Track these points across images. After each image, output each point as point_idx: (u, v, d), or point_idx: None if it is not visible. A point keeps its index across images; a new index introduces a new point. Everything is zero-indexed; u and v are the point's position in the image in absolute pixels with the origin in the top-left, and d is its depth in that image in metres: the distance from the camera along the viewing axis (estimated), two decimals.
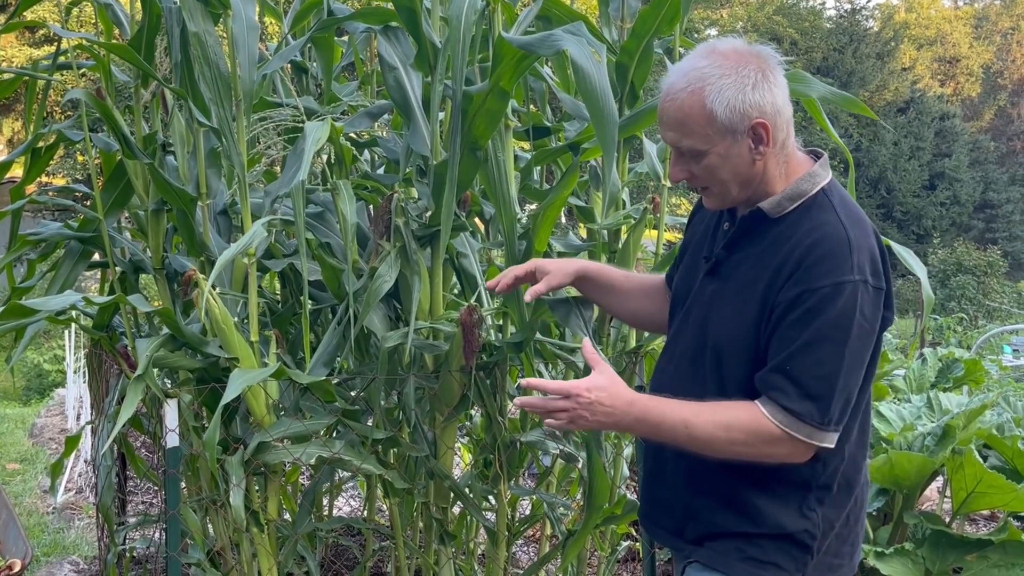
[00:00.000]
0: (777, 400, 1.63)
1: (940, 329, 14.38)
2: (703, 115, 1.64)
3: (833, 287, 1.60)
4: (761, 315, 1.67)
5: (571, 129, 3.02)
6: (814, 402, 1.61)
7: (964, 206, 30.48)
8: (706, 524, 1.78)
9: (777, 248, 1.69)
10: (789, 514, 1.72)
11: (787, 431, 1.62)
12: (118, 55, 2.63)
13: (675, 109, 1.67)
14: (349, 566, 3.72)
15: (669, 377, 1.85)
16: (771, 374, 1.64)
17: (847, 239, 1.64)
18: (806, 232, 1.66)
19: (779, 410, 1.62)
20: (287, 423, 2.47)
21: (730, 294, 1.74)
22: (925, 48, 38.43)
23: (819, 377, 1.60)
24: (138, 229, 3.21)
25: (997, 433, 3.66)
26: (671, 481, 1.84)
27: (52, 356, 11.22)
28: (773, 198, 1.72)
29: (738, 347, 1.71)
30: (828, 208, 1.69)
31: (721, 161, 1.67)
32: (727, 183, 1.71)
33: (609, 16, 2.88)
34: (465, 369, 2.57)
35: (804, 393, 1.61)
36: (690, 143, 1.67)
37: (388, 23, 2.67)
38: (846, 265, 1.61)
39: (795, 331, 1.62)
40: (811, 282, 1.61)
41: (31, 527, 4.77)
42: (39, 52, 15.92)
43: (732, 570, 1.74)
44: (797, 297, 1.62)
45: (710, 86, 1.63)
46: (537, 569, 3.09)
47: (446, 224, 2.34)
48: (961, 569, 3.22)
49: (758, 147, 1.67)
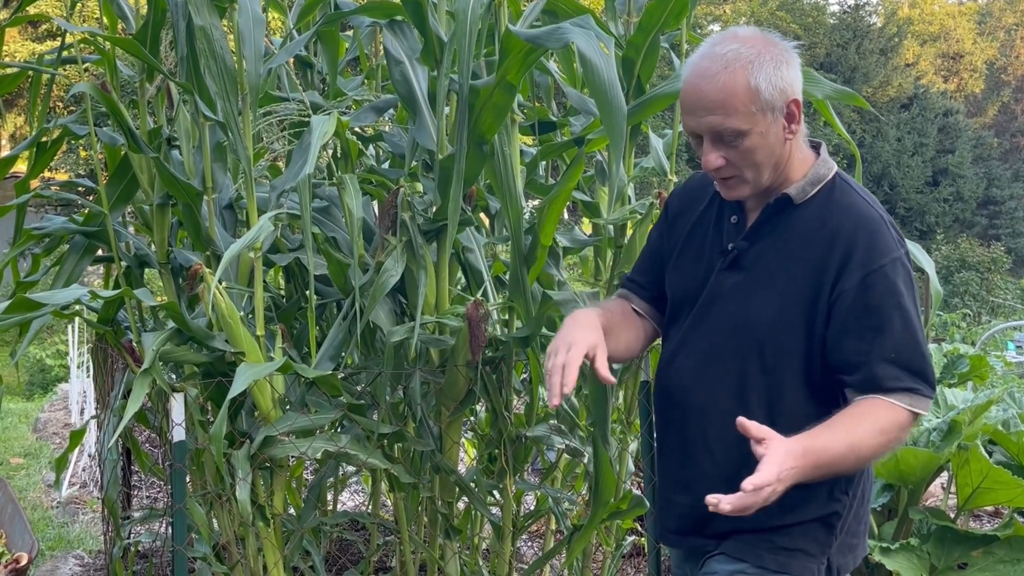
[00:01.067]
0: (896, 387, 1.65)
1: (944, 325, 14.37)
2: (748, 92, 1.62)
3: (891, 263, 1.66)
4: (813, 301, 1.68)
5: (577, 124, 3.01)
6: (922, 376, 1.66)
7: (967, 202, 30.43)
8: (735, 520, 1.66)
9: (810, 233, 1.70)
10: (819, 498, 1.72)
11: (914, 410, 1.66)
12: (124, 49, 2.63)
13: (717, 90, 1.64)
14: (354, 561, 3.72)
15: (690, 373, 1.81)
16: (879, 366, 1.65)
17: (880, 217, 1.71)
18: (840, 217, 1.70)
19: (903, 394, 1.65)
20: (293, 417, 2.47)
21: (760, 283, 1.73)
22: (929, 44, 38.33)
23: (916, 351, 1.66)
24: (142, 224, 3.21)
25: (1003, 429, 3.66)
26: (699, 482, 1.76)
27: (55, 351, 11.23)
28: (798, 184, 1.73)
29: (782, 332, 1.71)
30: (850, 191, 1.74)
31: (761, 141, 1.66)
32: (761, 166, 1.69)
33: (615, 10, 2.87)
34: (471, 364, 2.57)
35: (913, 371, 1.65)
36: (734, 123, 1.64)
37: (394, 17, 2.67)
38: (891, 240, 1.69)
39: (870, 317, 1.65)
40: (870, 264, 1.66)
41: (35, 521, 4.78)
42: (42, 47, 15.91)
43: (761, 560, 1.73)
44: (862, 282, 1.65)
45: (751, 64, 1.63)
46: (542, 564, 3.09)
47: (453, 218, 2.33)
48: (966, 565, 3.21)
49: (790, 126, 1.68)
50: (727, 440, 1.69)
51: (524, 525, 3.12)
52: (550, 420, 2.91)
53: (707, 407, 1.78)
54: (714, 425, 1.76)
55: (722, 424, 1.70)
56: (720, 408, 1.74)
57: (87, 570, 4.11)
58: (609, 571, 3.21)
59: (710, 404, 1.77)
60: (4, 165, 3.09)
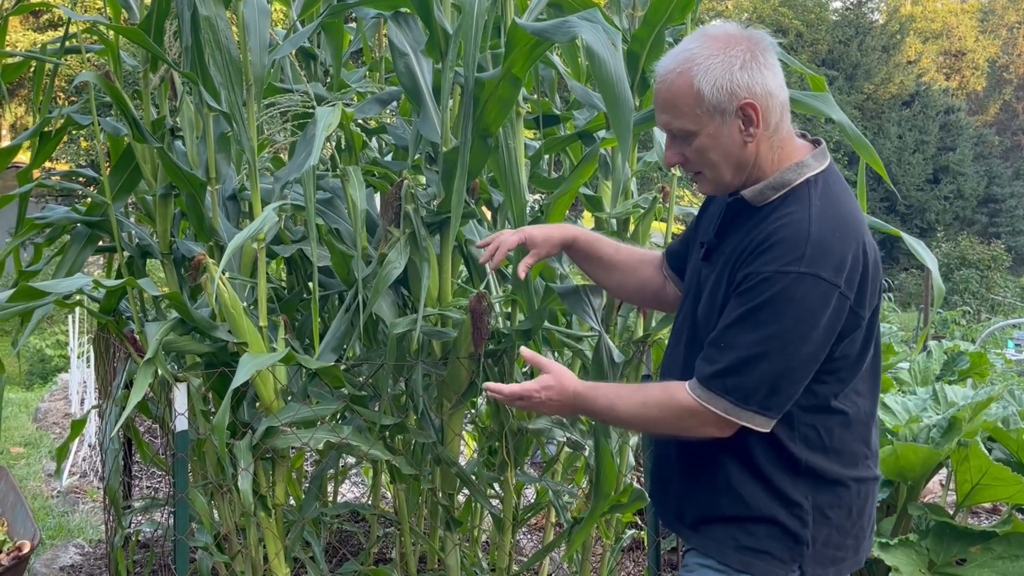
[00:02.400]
0: (699, 371, 1.68)
1: (944, 323, 14.38)
2: (691, 95, 1.66)
3: (774, 274, 1.61)
4: (726, 299, 1.71)
5: (580, 117, 3.01)
6: (732, 378, 1.64)
7: (968, 200, 30.44)
8: (701, 507, 1.81)
9: (752, 237, 1.70)
10: (777, 495, 1.73)
11: (703, 404, 1.67)
12: (128, 38, 2.63)
13: (665, 90, 1.69)
14: (354, 552, 3.73)
15: (672, 360, 1.89)
16: (705, 347, 1.70)
17: (807, 232, 1.62)
18: (773, 223, 1.67)
19: (697, 385, 1.68)
20: (295, 408, 2.47)
21: (714, 279, 1.77)
22: (931, 41, 38.28)
23: (743, 358, 1.63)
24: (145, 214, 3.20)
25: (1002, 426, 3.66)
26: (673, 464, 1.87)
27: (55, 341, 11.22)
28: (756, 186, 1.72)
29: (709, 329, 1.73)
30: (803, 200, 1.68)
31: (711, 142, 1.68)
32: (718, 166, 1.71)
33: (620, 4, 2.87)
34: (473, 356, 2.57)
35: (723, 368, 1.64)
36: (680, 124, 1.69)
37: (399, 9, 2.67)
38: (794, 256, 1.60)
39: (731, 309, 1.66)
40: (756, 267, 1.63)
41: (36, 511, 4.78)
42: (44, 36, 15.88)
43: (726, 558, 1.76)
44: (743, 279, 1.65)
45: (697, 66, 1.65)
46: (542, 556, 3.10)
47: (456, 211, 2.33)
48: (965, 561, 3.22)
49: (748, 129, 1.67)
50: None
51: (524, 518, 3.13)
52: None
53: None
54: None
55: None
56: None
57: (87, 559, 4.12)
58: (609, 564, 3.21)
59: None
60: (6, 155, 3.08)
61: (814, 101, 2.51)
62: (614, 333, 2.82)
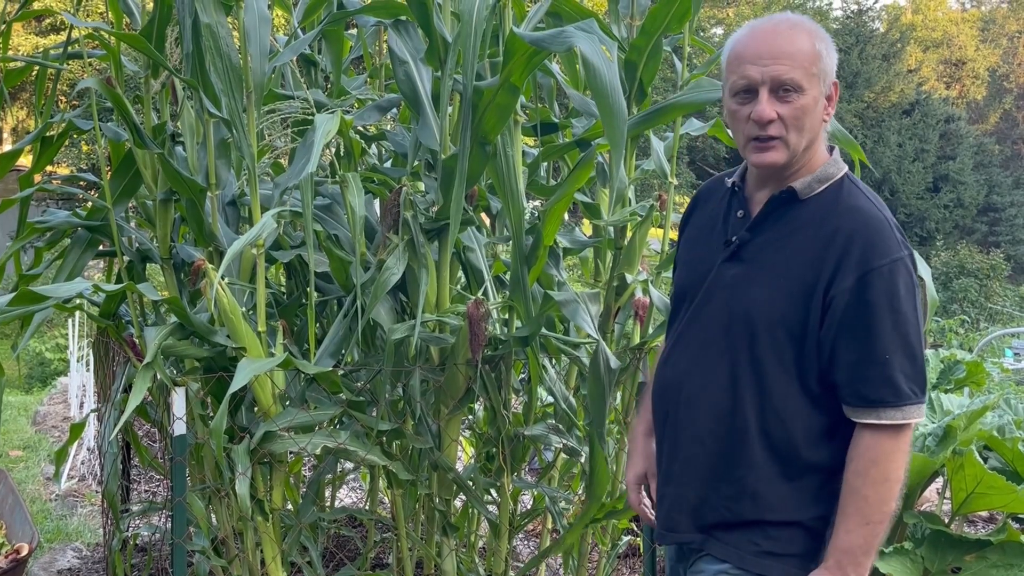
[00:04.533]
0: (881, 399, 1.64)
1: (942, 331, 14.38)
2: (812, 52, 1.69)
3: (891, 264, 1.64)
4: (808, 298, 1.68)
5: (578, 125, 3.03)
6: (913, 381, 1.65)
7: (968, 209, 30.43)
8: (721, 512, 1.77)
9: (812, 229, 1.70)
10: (805, 500, 1.72)
11: (902, 423, 1.64)
12: (130, 44, 2.65)
13: (787, 42, 1.69)
14: (351, 557, 3.73)
15: (685, 366, 1.83)
16: (868, 371, 1.65)
17: (885, 219, 1.69)
18: (844, 217, 1.69)
19: (888, 409, 1.64)
20: (293, 413, 2.48)
21: (760, 275, 1.74)
22: (931, 50, 38.35)
23: (907, 354, 1.64)
24: (145, 219, 3.22)
25: (998, 435, 3.67)
26: (687, 473, 1.82)
27: (54, 345, 11.24)
28: (804, 179, 1.74)
29: (776, 325, 1.70)
30: (857, 193, 1.74)
31: (812, 105, 1.70)
32: (804, 132, 1.71)
33: (619, 13, 2.89)
34: (471, 362, 2.59)
35: (904, 375, 1.64)
36: (796, 76, 1.67)
37: (399, 17, 2.69)
38: (893, 242, 1.67)
39: (869, 317, 1.64)
40: (869, 263, 1.64)
41: (34, 514, 4.79)
42: (46, 41, 15.91)
43: (745, 563, 1.74)
44: (859, 281, 1.64)
45: (816, 32, 1.71)
46: (538, 562, 3.10)
47: (455, 218, 2.35)
48: (960, 569, 3.23)
49: (828, 106, 1.74)
50: (718, 432, 1.74)
51: (521, 524, 3.14)
52: (548, 419, 2.92)
53: (699, 399, 1.78)
54: (706, 416, 1.77)
55: (713, 416, 1.75)
56: (711, 400, 1.76)
57: (85, 562, 4.12)
58: (605, 570, 3.22)
59: (702, 395, 1.78)
60: (8, 159, 3.10)
61: None
62: (611, 340, 2.83)
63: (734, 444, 1.72)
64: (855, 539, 1.65)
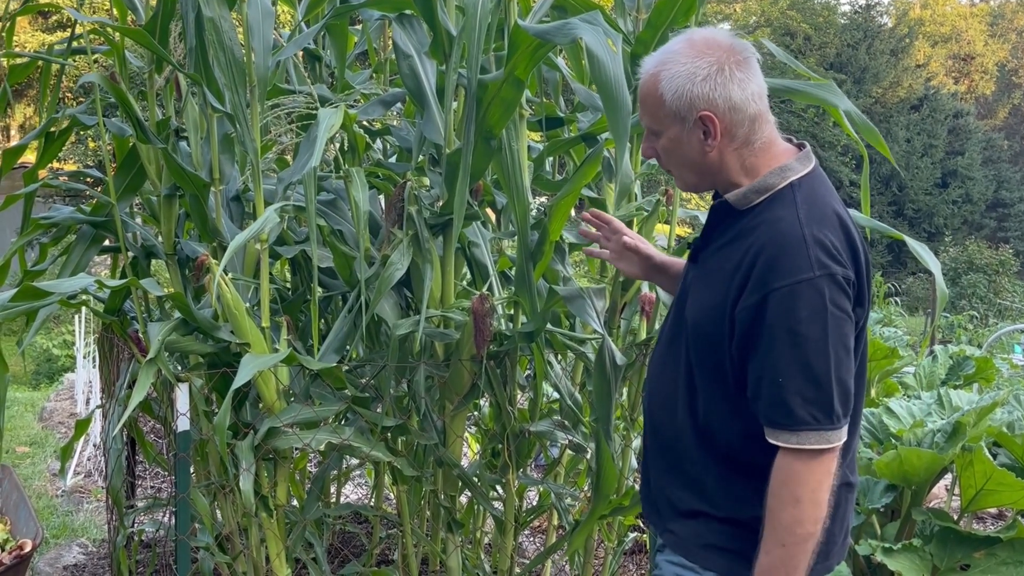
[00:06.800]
0: (784, 423, 1.59)
1: (951, 327, 14.32)
2: (655, 97, 1.70)
3: (793, 285, 1.56)
4: (723, 313, 1.65)
5: (584, 120, 3.01)
6: (816, 406, 1.57)
7: (976, 204, 30.32)
8: (674, 501, 1.81)
9: (740, 242, 1.68)
10: (745, 499, 1.70)
11: (806, 447, 1.58)
12: (133, 39, 2.64)
13: (644, 91, 1.73)
14: (356, 553, 3.73)
15: (656, 360, 1.90)
16: (770, 393, 1.60)
17: (803, 236, 1.60)
18: (760, 231, 1.64)
19: (786, 432, 1.59)
20: (297, 409, 2.47)
21: (702, 282, 1.76)
22: (940, 45, 38.18)
23: (807, 378, 1.57)
24: (149, 214, 3.22)
25: (1007, 431, 3.65)
26: (653, 462, 1.89)
27: (61, 341, 11.26)
28: (739, 190, 1.72)
29: (700, 333, 1.72)
30: (789, 203, 1.65)
31: (672, 145, 1.72)
32: (680, 168, 1.77)
33: (624, 6, 2.86)
34: (476, 358, 2.57)
35: (803, 400, 1.57)
36: (648, 122, 1.75)
37: (403, 11, 2.67)
38: (802, 261, 1.57)
39: (767, 339, 1.58)
40: (770, 284, 1.58)
41: (40, 510, 4.80)
42: (52, 37, 15.95)
43: (691, 556, 1.77)
44: (760, 302, 1.59)
45: (666, 71, 1.67)
46: (544, 559, 3.09)
47: (459, 213, 2.34)
48: (969, 566, 3.21)
49: (707, 139, 1.69)
50: (668, 427, 1.81)
51: (526, 520, 3.13)
52: (553, 416, 2.91)
53: (657, 393, 1.85)
54: (660, 410, 1.83)
55: (664, 411, 1.81)
56: (663, 394, 1.82)
57: (91, 558, 4.13)
58: (611, 567, 3.21)
59: (659, 390, 1.84)
60: (13, 154, 3.10)
61: (819, 91, 2.50)
62: (617, 336, 2.81)
63: (679, 439, 1.77)
64: (772, 560, 1.61)
